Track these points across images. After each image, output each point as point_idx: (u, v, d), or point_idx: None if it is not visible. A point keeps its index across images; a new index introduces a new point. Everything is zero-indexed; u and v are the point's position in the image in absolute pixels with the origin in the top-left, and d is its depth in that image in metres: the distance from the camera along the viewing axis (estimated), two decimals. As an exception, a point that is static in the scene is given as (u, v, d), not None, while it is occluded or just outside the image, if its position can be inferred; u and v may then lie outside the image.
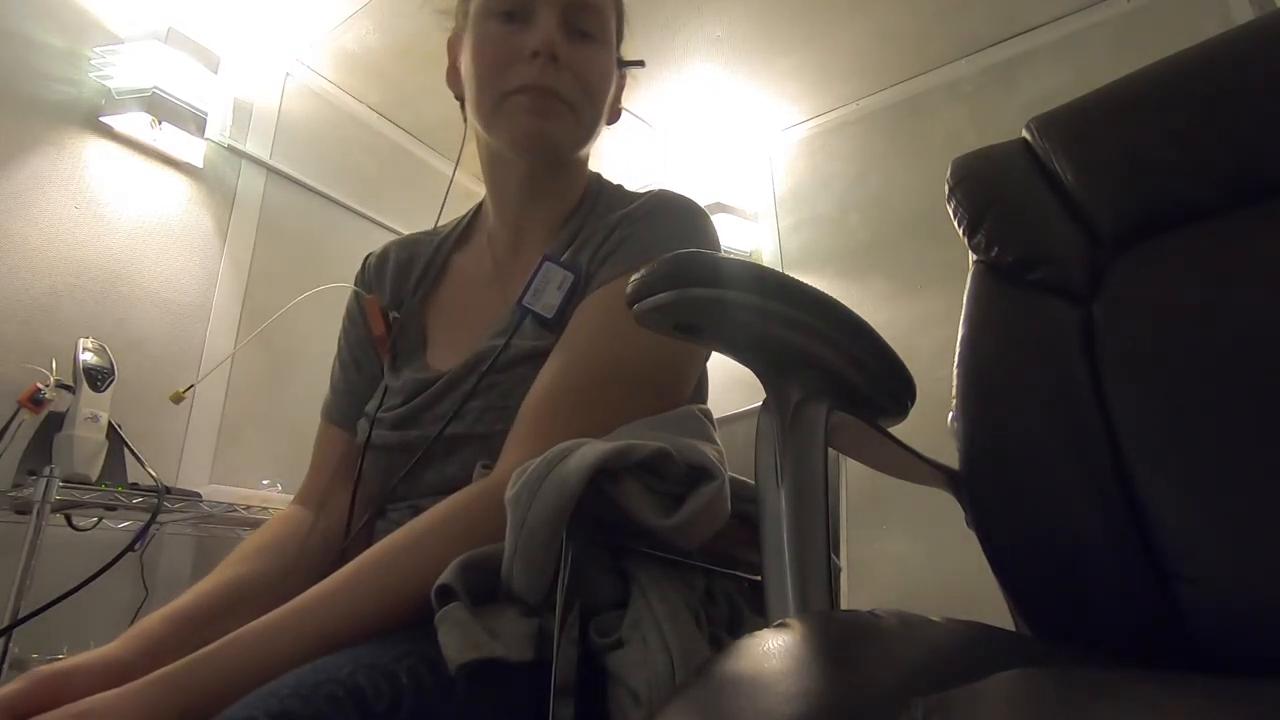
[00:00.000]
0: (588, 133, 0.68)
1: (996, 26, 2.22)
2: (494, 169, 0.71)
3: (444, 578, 0.45)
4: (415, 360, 0.69)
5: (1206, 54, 0.56)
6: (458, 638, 0.42)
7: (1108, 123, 0.59)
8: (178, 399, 1.04)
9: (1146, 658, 0.45)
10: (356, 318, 0.77)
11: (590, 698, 0.44)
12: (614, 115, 0.74)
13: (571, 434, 0.48)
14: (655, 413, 0.57)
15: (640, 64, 0.74)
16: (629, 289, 0.41)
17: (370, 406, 0.68)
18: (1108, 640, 0.48)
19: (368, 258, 0.80)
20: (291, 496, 1.73)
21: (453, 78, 0.73)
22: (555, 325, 0.61)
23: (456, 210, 0.83)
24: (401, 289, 0.74)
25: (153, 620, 0.54)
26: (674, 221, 0.65)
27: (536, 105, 0.63)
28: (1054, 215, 0.58)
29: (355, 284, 0.78)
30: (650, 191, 0.69)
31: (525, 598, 0.45)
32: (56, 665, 0.46)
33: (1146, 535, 0.46)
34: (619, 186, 0.75)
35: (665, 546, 0.49)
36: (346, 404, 0.74)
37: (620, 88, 0.74)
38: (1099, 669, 0.32)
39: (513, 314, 0.63)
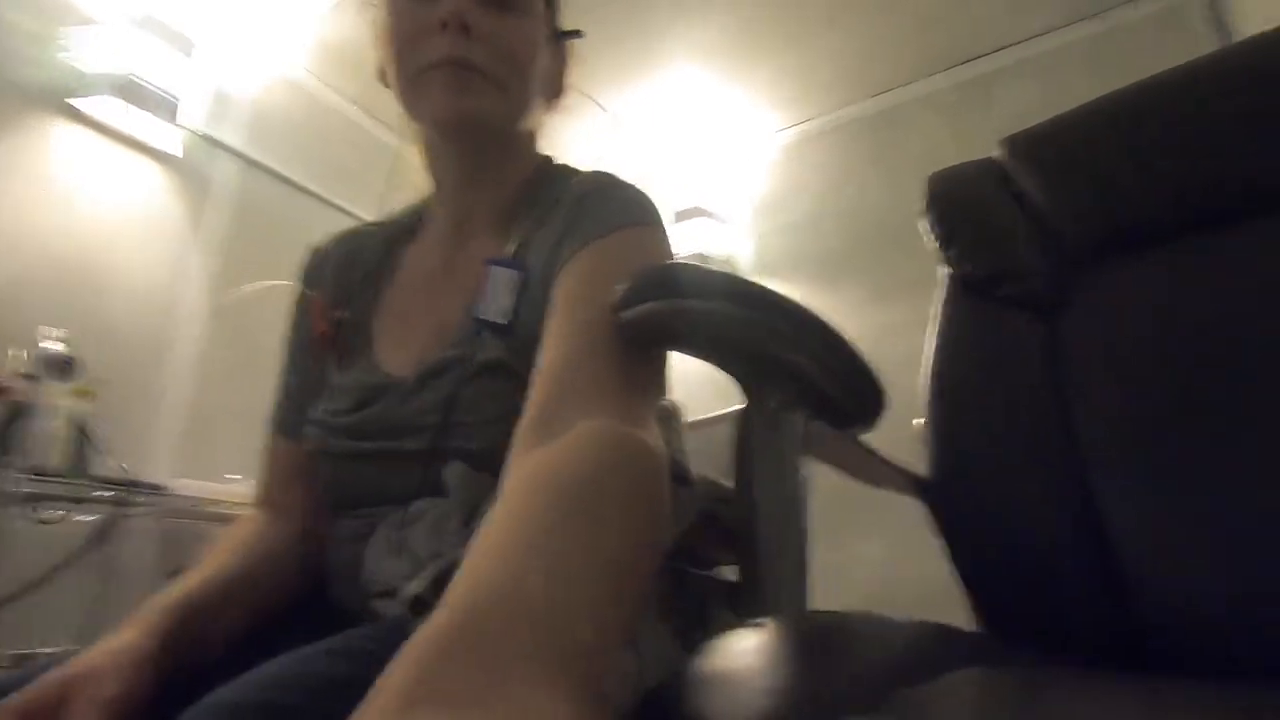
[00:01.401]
0: (515, 106, 0.64)
1: (973, 42, 2.27)
2: (430, 157, 0.68)
3: (421, 588, 0.45)
4: (362, 359, 0.66)
5: (1172, 82, 0.58)
6: None
7: (1076, 145, 0.61)
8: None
9: (1102, 660, 0.47)
10: (298, 320, 0.73)
11: None
12: (555, 91, 0.70)
13: (637, 417, 0.45)
14: (650, 377, 0.53)
15: (577, 34, 0.70)
16: (616, 299, 0.42)
17: (316, 411, 0.65)
18: (1065, 642, 0.50)
19: (311, 253, 0.76)
20: (261, 491, 1.69)
21: (381, 70, 0.68)
22: (512, 331, 0.58)
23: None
24: (346, 285, 0.70)
25: (165, 611, 0.50)
26: (626, 198, 0.62)
27: (450, 80, 0.59)
28: (1023, 233, 0.60)
29: (301, 281, 0.74)
30: (595, 171, 0.67)
31: None
32: (73, 668, 0.43)
33: (1105, 543, 0.49)
34: (565, 167, 0.71)
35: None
36: (290, 410, 0.71)
37: (561, 62, 0.70)
38: (1054, 669, 0.34)
39: (469, 326, 0.60)
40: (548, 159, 0.71)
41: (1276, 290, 0.48)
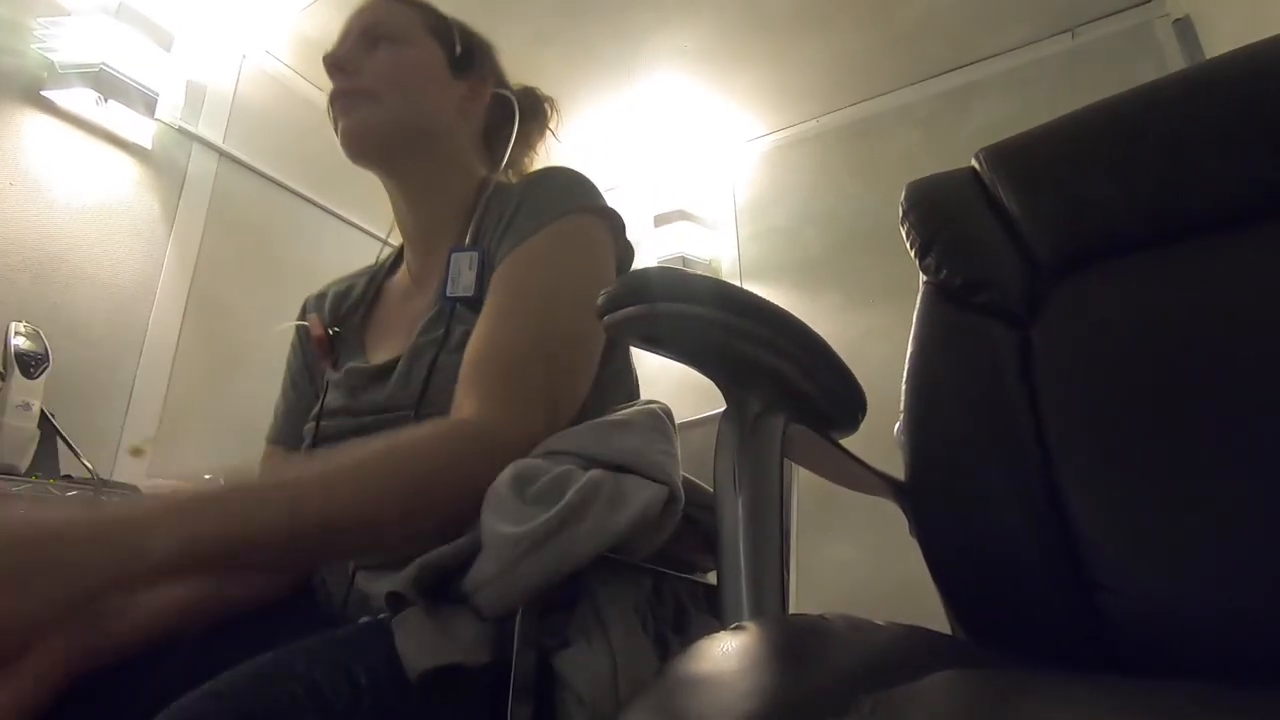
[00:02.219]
0: (399, 113, 0.72)
1: (949, 55, 2.31)
2: (387, 194, 0.79)
3: (399, 585, 0.45)
4: (354, 358, 0.74)
5: (1142, 98, 0.60)
6: (415, 643, 0.42)
7: (1049, 157, 0.63)
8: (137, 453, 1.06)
9: (1071, 660, 0.48)
10: (298, 346, 0.83)
11: (538, 695, 0.45)
12: (471, 105, 0.79)
13: (516, 388, 0.57)
14: (579, 364, 0.63)
15: (470, 63, 0.79)
16: (600, 302, 0.42)
17: (314, 411, 0.72)
18: (1036, 643, 0.51)
19: (307, 299, 0.87)
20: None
21: None
22: (478, 301, 0.66)
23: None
24: (338, 312, 0.80)
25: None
26: (562, 184, 0.70)
27: (340, 109, 0.72)
28: (998, 242, 0.62)
29: (297, 318, 0.85)
30: (543, 167, 0.75)
31: (490, 614, 0.45)
32: None
33: (1072, 546, 0.50)
34: (511, 181, 0.80)
35: (615, 549, 0.50)
36: (286, 424, 0.79)
37: (475, 90, 0.79)
38: (1026, 671, 0.34)
39: (441, 306, 0.68)
40: (492, 178, 0.79)
41: (1239, 301, 0.49)
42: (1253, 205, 0.51)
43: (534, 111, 0.87)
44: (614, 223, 0.71)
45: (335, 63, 0.72)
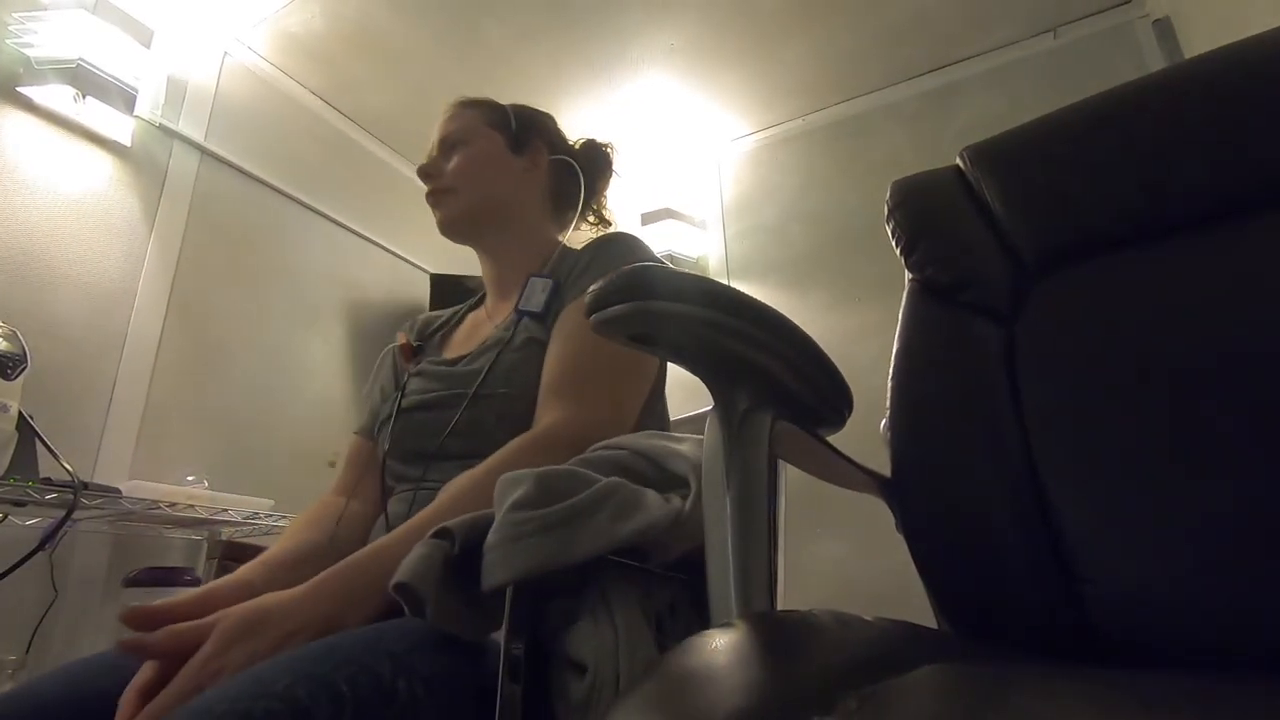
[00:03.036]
0: (471, 198, 0.91)
1: (933, 54, 2.33)
2: (477, 255, 0.98)
3: (404, 574, 0.47)
4: (433, 357, 0.90)
5: (1123, 97, 0.61)
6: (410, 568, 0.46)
7: (1032, 157, 0.64)
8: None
9: (1054, 652, 0.49)
10: (390, 361, 0.98)
11: (534, 681, 0.45)
12: (532, 174, 0.95)
13: (583, 400, 0.72)
14: (639, 383, 0.79)
15: (528, 137, 0.96)
16: (587, 299, 0.42)
17: (394, 396, 0.86)
18: (1020, 636, 0.52)
19: (405, 324, 1.05)
20: (217, 492, 1.66)
21: None
22: (544, 316, 0.82)
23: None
24: (424, 335, 0.98)
25: (253, 566, 0.68)
26: (625, 247, 0.86)
27: (432, 205, 0.92)
28: (983, 241, 0.62)
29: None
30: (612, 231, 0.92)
31: (492, 582, 0.46)
32: (195, 589, 0.58)
33: (1055, 540, 0.50)
34: (570, 247, 0.95)
35: (625, 554, 0.51)
36: (369, 420, 0.93)
37: (534, 160, 0.95)
38: (1011, 663, 0.35)
39: (514, 317, 0.83)
40: (562, 243, 0.95)
41: (1219, 299, 0.50)
42: (1232, 204, 0.52)
43: (594, 162, 1.01)
44: None
45: (424, 172, 0.92)
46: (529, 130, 0.97)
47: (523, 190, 0.94)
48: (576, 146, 1.02)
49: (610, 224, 1.03)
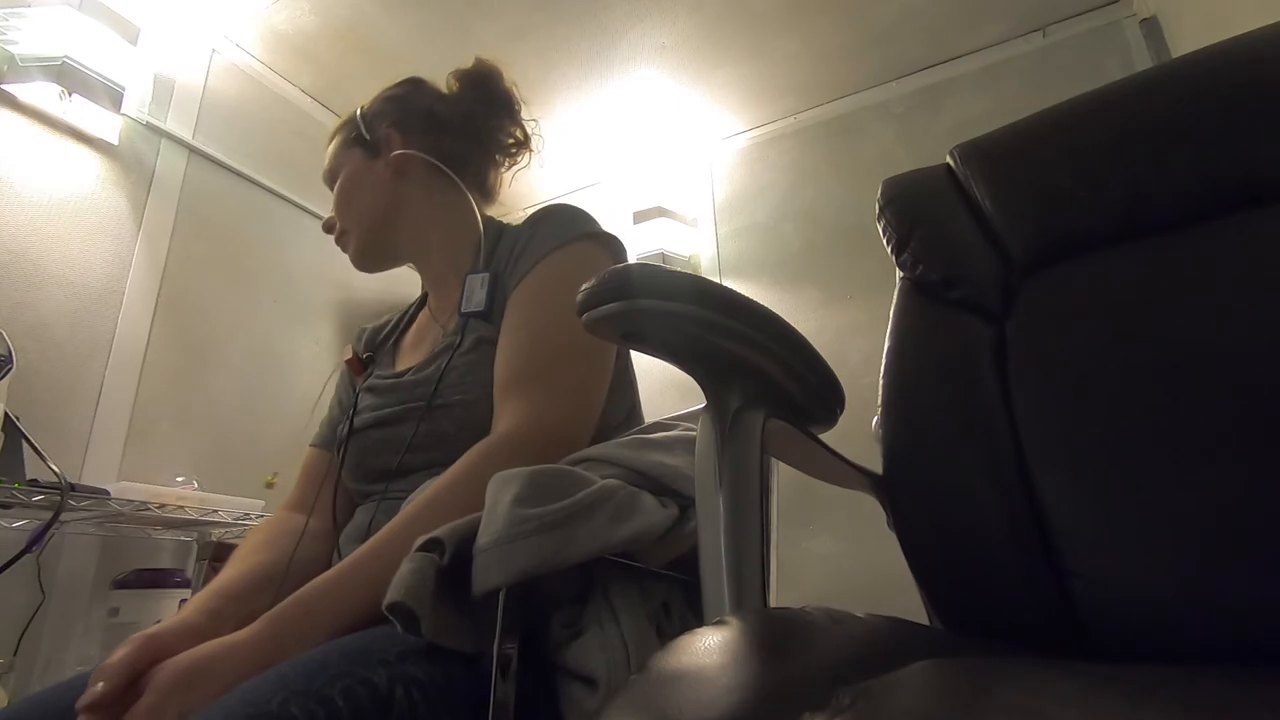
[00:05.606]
0: (362, 230, 0.88)
1: (924, 52, 2.34)
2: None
3: (397, 593, 0.45)
4: (383, 370, 0.86)
5: (1110, 96, 0.61)
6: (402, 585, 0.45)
7: (1022, 155, 0.64)
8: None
9: (1045, 647, 0.49)
10: (345, 377, 0.96)
11: (544, 700, 0.45)
12: (399, 169, 0.87)
13: (544, 395, 0.66)
14: (601, 364, 0.73)
15: (364, 137, 0.90)
16: (579, 298, 0.42)
17: (349, 411, 0.83)
18: (1011, 632, 0.52)
19: (350, 342, 1.00)
20: (206, 494, 1.65)
21: None
22: (488, 314, 0.76)
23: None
24: (373, 344, 0.94)
25: (204, 596, 0.65)
26: (565, 217, 0.79)
27: (342, 249, 0.91)
28: (973, 239, 0.62)
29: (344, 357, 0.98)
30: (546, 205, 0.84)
31: (486, 585, 0.46)
32: (148, 631, 0.54)
33: (1045, 535, 0.51)
34: (508, 224, 0.88)
35: (624, 556, 0.51)
36: (327, 431, 0.90)
37: (391, 169, 0.87)
38: (1001, 658, 0.35)
39: (458, 321, 0.78)
40: (491, 220, 0.88)
41: (1206, 296, 0.50)
42: (1219, 201, 0.52)
43: (472, 103, 0.90)
44: (612, 247, 0.79)
45: (326, 227, 0.92)
46: (377, 125, 0.89)
47: (399, 192, 0.87)
48: (451, 90, 0.91)
49: (535, 151, 0.94)
